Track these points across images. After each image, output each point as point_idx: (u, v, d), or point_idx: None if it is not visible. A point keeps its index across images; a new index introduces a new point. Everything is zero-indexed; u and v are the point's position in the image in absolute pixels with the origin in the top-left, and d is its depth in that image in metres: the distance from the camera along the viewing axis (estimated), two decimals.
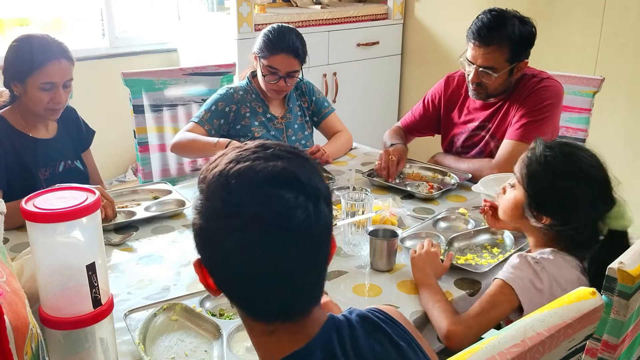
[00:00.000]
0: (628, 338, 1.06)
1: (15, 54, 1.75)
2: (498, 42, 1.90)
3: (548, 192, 1.29)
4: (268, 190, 0.74)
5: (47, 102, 1.75)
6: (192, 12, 3.67)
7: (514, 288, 1.23)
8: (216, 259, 0.79)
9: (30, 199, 0.97)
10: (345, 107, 3.70)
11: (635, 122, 2.92)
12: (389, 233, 1.49)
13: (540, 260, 1.27)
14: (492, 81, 1.96)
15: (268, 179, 0.75)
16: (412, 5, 3.83)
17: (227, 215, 0.75)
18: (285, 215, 0.74)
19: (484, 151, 2.12)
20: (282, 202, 0.74)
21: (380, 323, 0.88)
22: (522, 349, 0.76)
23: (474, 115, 2.14)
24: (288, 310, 0.80)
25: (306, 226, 0.75)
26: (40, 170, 1.83)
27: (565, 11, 3.07)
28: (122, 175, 3.77)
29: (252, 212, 0.74)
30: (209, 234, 0.78)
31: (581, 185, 1.26)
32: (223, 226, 0.75)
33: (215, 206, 0.77)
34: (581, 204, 1.26)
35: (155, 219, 1.74)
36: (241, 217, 0.74)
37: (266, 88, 2.16)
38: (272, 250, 0.74)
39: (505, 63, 1.93)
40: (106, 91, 3.33)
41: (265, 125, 2.21)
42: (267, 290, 0.77)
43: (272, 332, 0.81)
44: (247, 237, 0.73)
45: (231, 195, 0.75)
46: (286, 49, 2.07)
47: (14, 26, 3.43)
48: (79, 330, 1.00)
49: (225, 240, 0.75)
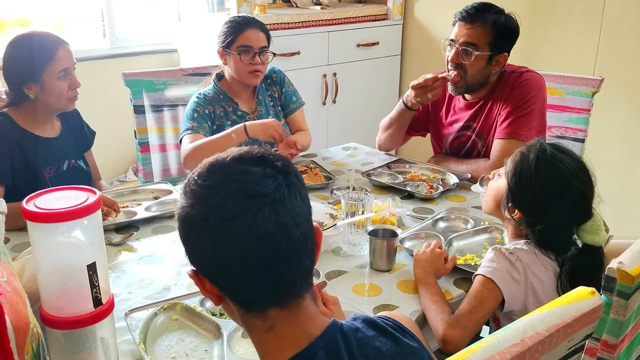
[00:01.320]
0: (627, 338, 1.06)
1: (20, 55, 1.74)
2: (483, 21, 1.95)
3: (525, 189, 1.31)
4: (237, 168, 0.81)
5: (67, 90, 1.79)
6: (192, 12, 3.67)
7: (494, 280, 1.26)
8: (204, 249, 0.81)
9: (31, 199, 0.97)
10: (345, 107, 3.71)
11: (634, 122, 2.92)
12: (389, 233, 1.49)
13: (514, 251, 1.31)
14: (470, 62, 1.96)
15: (236, 159, 0.82)
16: (412, 6, 3.83)
17: (205, 198, 0.80)
18: (257, 185, 0.79)
19: (472, 151, 2.14)
20: (252, 175, 0.79)
21: (389, 329, 0.88)
22: (521, 349, 0.76)
23: (459, 115, 2.16)
24: (280, 290, 0.81)
25: (280, 194, 0.79)
26: (45, 168, 1.84)
27: (565, 11, 3.07)
28: (123, 175, 3.78)
29: (226, 189, 0.79)
30: (192, 223, 0.81)
31: (559, 192, 1.28)
32: (203, 209, 0.79)
33: (194, 195, 0.81)
34: (554, 209, 1.28)
35: (155, 219, 1.75)
36: (218, 197, 0.79)
37: (243, 73, 2.14)
38: (252, 219, 0.77)
39: (486, 46, 1.95)
40: (107, 91, 3.33)
41: (238, 123, 2.18)
42: (255, 262, 0.79)
43: (271, 328, 0.81)
44: (227, 212, 0.77)
45: (205, 181, 0.81)
46: (251, 23, 2.14)
47: (15, 26, 3.44)
48: (79, 330, 1.00)
49: (207, 222, 0.79)
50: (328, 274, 1.44)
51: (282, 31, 3.29)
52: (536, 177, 1.29)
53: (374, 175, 2.06)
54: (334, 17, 3.56)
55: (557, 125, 2.36)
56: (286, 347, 0.81)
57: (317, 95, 3.54)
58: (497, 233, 1.63)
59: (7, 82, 1.79)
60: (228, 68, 2.20)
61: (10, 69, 1.77)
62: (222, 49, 2.16)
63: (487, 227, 1.65)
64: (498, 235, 1.63)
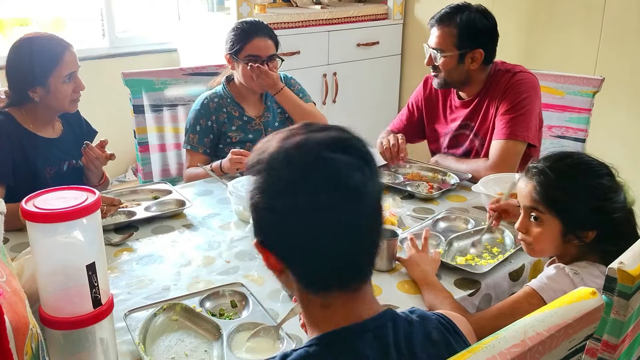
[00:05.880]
0: (628, 338, 1.06)
1: (26, 59, 1.73)
2: (447, 24, 2.00)
3: (577, 205, 1.22)
4: (327, 155, 0.80)
5: (71, 93, 1.79)
6: (192, 12, 3.67)
7: (544, 299, 1.19)
8: (282, 229, 0.82)
9: (30, 199, 0.97)
10: (345, 107, 3.71)
11: (635, 122, 2.92)
12: (389, 233, 1.49)
13: (580, 272, 1.22)
14: (441, 64, 2.02)
15: (325, 145, 0.81)
16: (412, 5, 3.83)
17: (293, 182, 0.79)
18: (345, 175, 0.79)
19: (471, 150, 2.14)
20: (341, 165, 0.79)
21: (442, 328, 0.88)
22: (522, 349, 0.76)
23: (456, 114, 2.17)
24: (347, 274, 0.83)
25: (364, 186, 0.80)
26: (46, 169, 1.84)
27: (565, 11, 3.07)
28: (122, 175, 3.77)
29: (315, 176, 0.79)
30: (276, 205, 0.80)
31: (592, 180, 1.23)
32: (290, 192, 0.79)
33: (281, 177, 0.80)
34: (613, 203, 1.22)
35: (155, 219, 1.74)
36: (307, 182, 0.79)
37: (250, 80, 2.14)
38: (339, 211, 0.78)
39: (452, 47, 2.00)
40: (106, 91, 3.33)
41: (243, 128, 2.22)
42: (332, 249, 0.80)
43: (328, 307, 0.83)
44: (314, 199, 0.78)
45: (294, 165, 0.80)
46: (260, 32, 2.13)
47: (15, 26, 3.43)
48: (79, 330, 1.00)
49: (292, 206, 0.79)
50: None
51: (282, 31, 3.29)
52: (573, 187, 1.23)
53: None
54: (334, 17, 3.56)
55: (558, 125, 2.36)
56: (337, 322, 0.82)
57: (317, 95, 3.54)
58: (498, 233, 1.63)
59: (11, 85, 1.78)
60: (235, 72, 2.20)
61: (15, 71, 1.75)
62: (230, 55, 2.16)
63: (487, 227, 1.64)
64: (499, 235, 1.63)
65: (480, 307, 1.38)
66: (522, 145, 1.99)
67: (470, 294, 1.37)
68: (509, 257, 1.51)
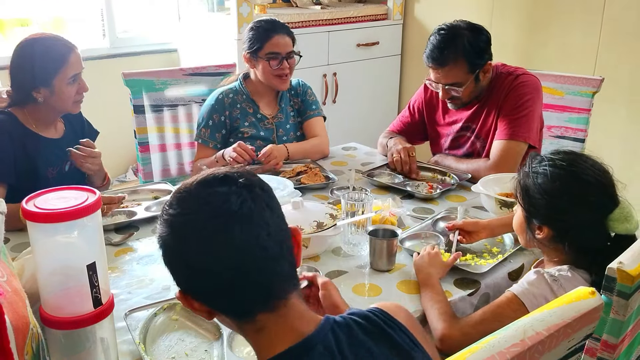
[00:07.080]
0: (627, 338, 1.06)
1: (30, 60, 1.73)
2: (453, 59, 1.94)
3: (539, 199, 1.25)
4: (204, 191, 0.86)
5: (74, 94, 1.80)
6: (192, 12, 3.67)
7: (525, 304, 1.20)
8: (187, 271, 0.86)
9: (30, 199, 0.97)
10: (345, 107, 3.71)
11: (634, 122, 2.92)
12: (389, 233, 1.49)
13: (559, 277, 1.22)
14: (461, 93, 2.00)
15: (202, 183, 0.87)
16: (412, 6, 3.83)
17: (180, 225, 0.85)
18: (224, 203, 0.83)
19: (472, 152, 2.14)
20: (218, 195, 0.84)
21: (381, 324, 0.89)
22: (521, 349, 0.76)
23: (457, 116, 2.17)
24: (262, 295, 0.85)
25: (247, 208, 0.84)
26: (48, 169, 1.85)
27: (565, 11, 3.07)
28: (123, 175, 3.78)
29: (197, 213, 0.84)
30: (173, 250, 0.86)
31: (577, 186, 1.22)
32: (180, 236, 0.85)
33: (170, 224, 0.86)
34: (575, 207, 1.22)
35: (155, 219, 1.73)
36: (190, 222, 0.84)
37: (271, 77, 2.17)
38: (226, 237, 0.82)
39: (467, 75, 1.97)
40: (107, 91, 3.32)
41: (255, 125, 2.23)
42: (237, 277, 0.83)
43: (262, 329, 0.85)
44: (202, 235, 0.83)
45: (177, 209, 0.86)
46: (278, 29, 2.16)
47: (15, 26, 3.43)
48: (79, 330, 1.00)
49: (186, 247, 0.84)
50: (328, 274, 1.44)
51: None
52: (546, 184, 1.24)
53: (374, 175, 2.06)
54: (334, 17, 3.56)
55: (557, 125, 2.36)
56: (277, 343, 0.84)
57: (317, 95, 3.53)
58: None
59: (15, 85, 1.77)
60: (255, 71, 2.21)
61: (20, 72, 1.75)
62: (250, 54, 2.18)
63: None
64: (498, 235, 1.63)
65: (478, 307, 1.38)
66: (523, 146, 1.99)
67: (469, 293, 1.37)
68: (509, 257, 1.51)
